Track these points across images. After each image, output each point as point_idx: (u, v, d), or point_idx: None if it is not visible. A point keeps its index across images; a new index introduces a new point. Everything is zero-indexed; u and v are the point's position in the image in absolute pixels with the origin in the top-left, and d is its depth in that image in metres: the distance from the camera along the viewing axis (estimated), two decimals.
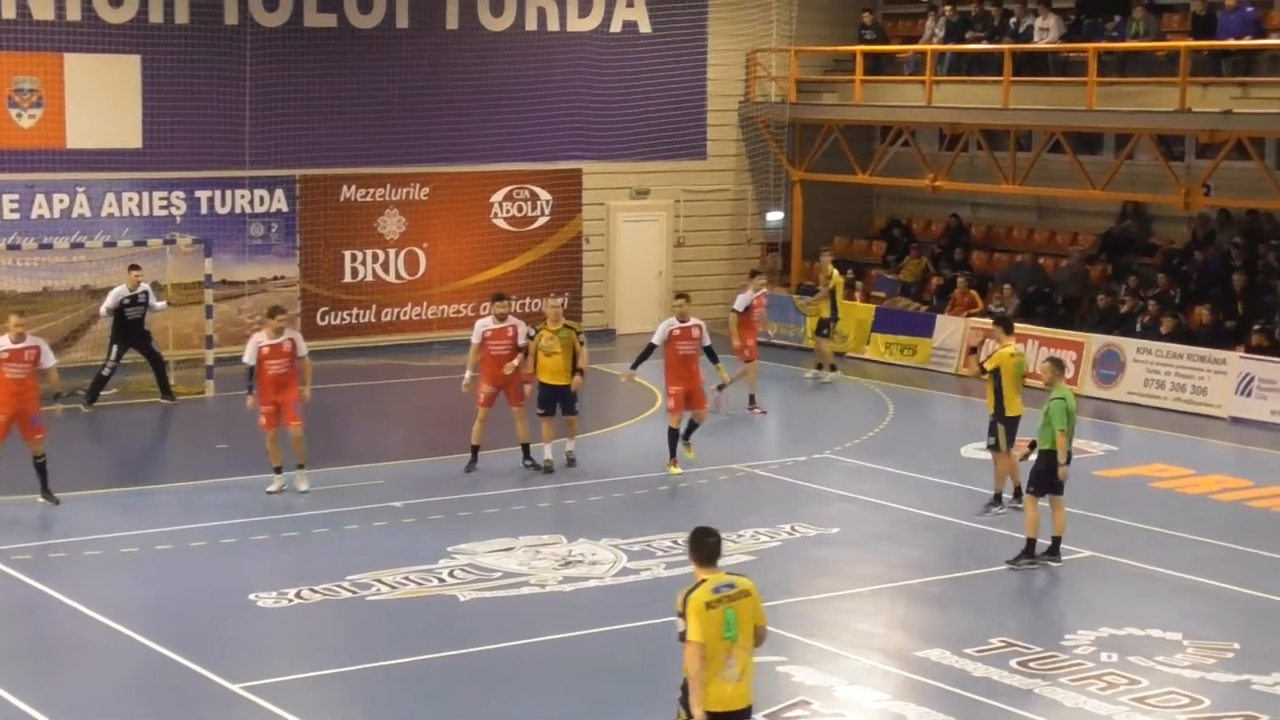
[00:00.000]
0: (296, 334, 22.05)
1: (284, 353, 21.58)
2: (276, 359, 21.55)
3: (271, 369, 21.54)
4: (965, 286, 32.97)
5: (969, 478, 23.22)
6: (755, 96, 37.04)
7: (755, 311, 28.13)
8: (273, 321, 21.66)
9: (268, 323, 21.78)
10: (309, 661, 15.85)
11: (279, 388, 21.60)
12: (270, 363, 21.53)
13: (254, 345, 21.54)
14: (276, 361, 21.55)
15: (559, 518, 20.98)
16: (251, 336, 21.95)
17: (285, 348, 21.59)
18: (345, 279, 33.39)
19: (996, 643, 16.27)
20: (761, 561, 19.13)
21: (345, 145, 32.96)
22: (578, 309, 35.21)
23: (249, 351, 21.60)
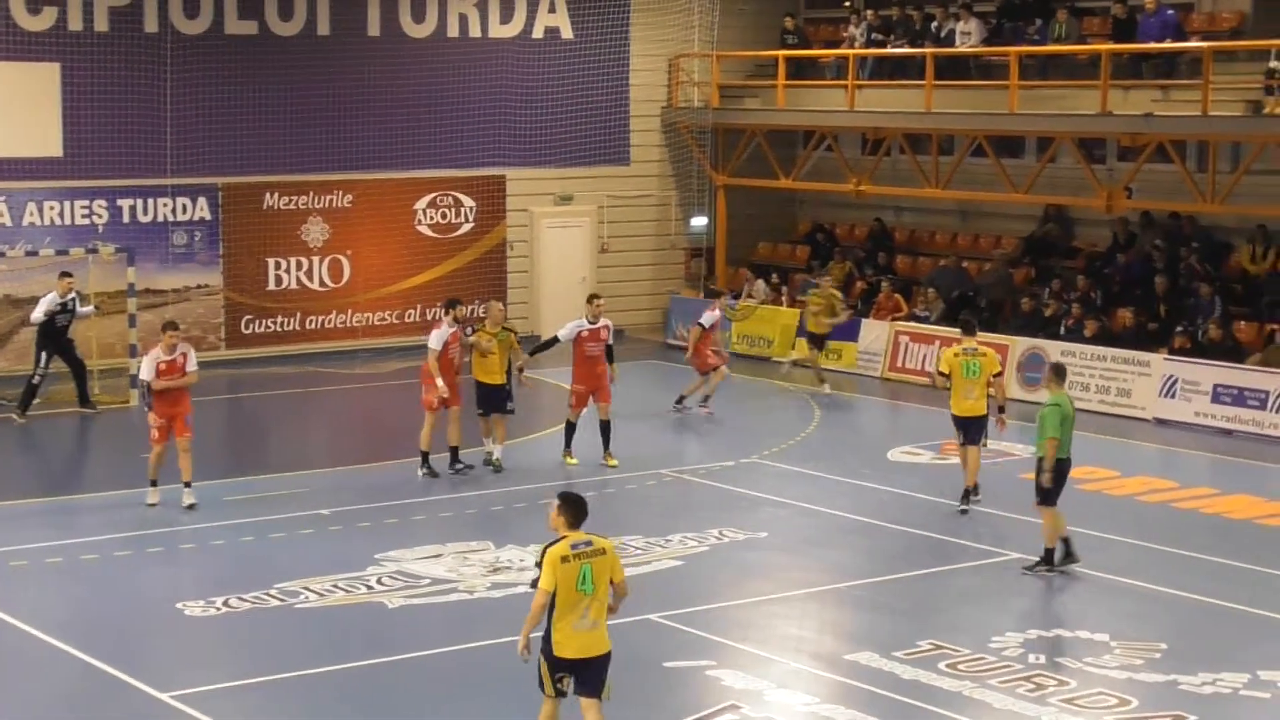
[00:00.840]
0: (189, 348, 21.90)
1: (177, 368, 21.54)
2: (171, 374, 21.48)
3: (163, 384, 21.45)
4: (890, 291, 33.12)
5: (896, 481, 23.35)
6: (678, 102, 37.12)
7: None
8: (166, 337, 21.61)
9: (161, 338, 21.71)
10: (237, 670, 15.79)
11: (173, 402, 21.53)
12: (165, 378, 21.44)
13: (151, 361, 21.45)
14: (171, 377, 21.48)
15: (487, 524, 20.96)
16: (148, 353, 21.79)
17: (179, 363, 21.54)
18: (269, 287, 33.23)
19: (925, 645, 16.36)
20: (690, 566, 19.17)
21: (268, 152, 32.81)
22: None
23: (146, 368, 21.51)
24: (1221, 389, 27.11)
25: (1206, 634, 17.03)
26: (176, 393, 21.53)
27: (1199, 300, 29.23)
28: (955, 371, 21.89)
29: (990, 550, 19.89)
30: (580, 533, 12.68)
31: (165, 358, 21.41)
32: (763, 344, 33.69)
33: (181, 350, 21.59)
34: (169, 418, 21.48)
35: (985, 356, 22.07)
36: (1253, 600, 17.99)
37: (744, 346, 33.86)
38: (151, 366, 21.40)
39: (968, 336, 22.48)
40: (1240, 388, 26.94)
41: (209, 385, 30.32)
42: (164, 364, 21.41)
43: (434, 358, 23.19)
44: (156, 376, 21.37)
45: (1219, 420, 27.01)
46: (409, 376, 31.09)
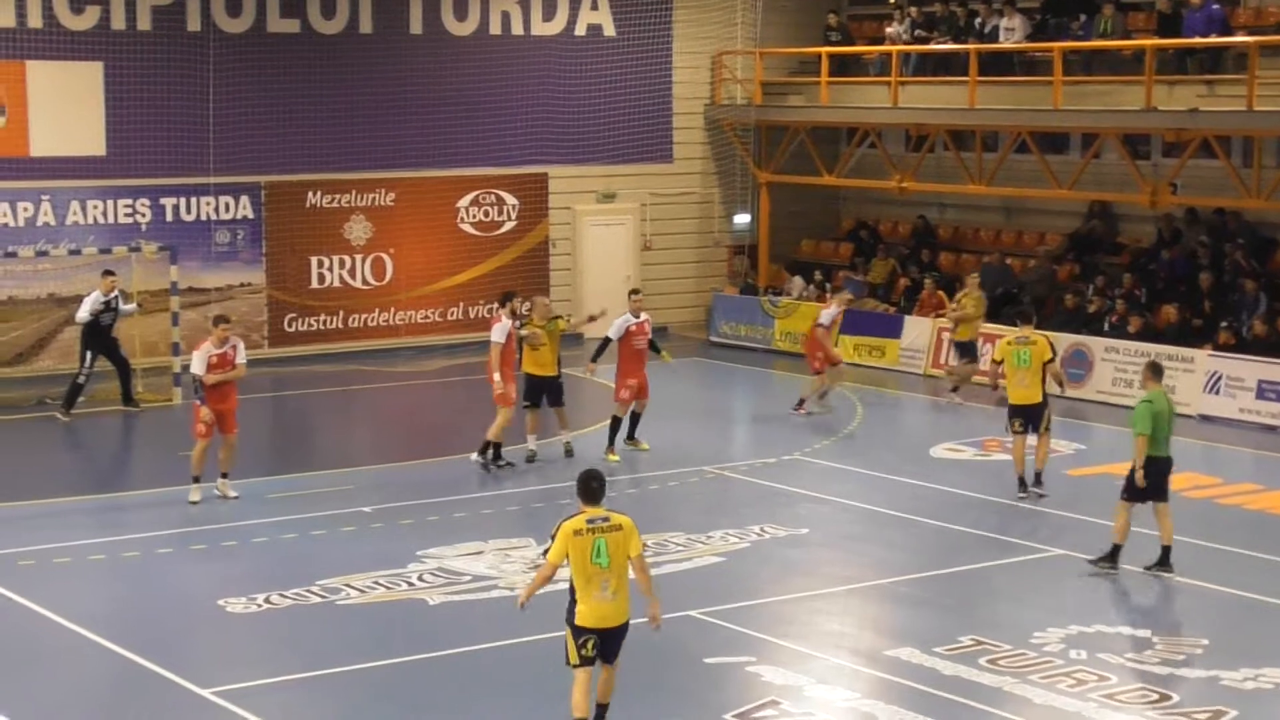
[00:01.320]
0: (239, 341, 22.05)
1: (228, 360, 21.68)
2: (222, 367, 21.64)
3: (215, 378, 21.59)
4: (933, 287, 33.06)
5: (938, 478, 23.33)
6: (721, 99, 37.13)
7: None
8: (217, 330, 21.75)
9: (213, 331, 21.84)
10: (278, 666, 15.86)
11: (222, 397, 21.67)
12: (216, 372, 21.58)
13: (202, 355, 21.57)
14: (221, 370, 21.63)
15: (528, 521, 20.99)
16: (199, 347, 21.88)
17: (229, 355, 21.69)
18: (312, 285, 33.37)
19: (966, 641, 16.35)
20: (731, 563, 19.19)
21: (310, 151, 32.94)
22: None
23: (197, 362, 21.60)
24: (1266, 385, 26.99)
25: (1248, 630, 16.97)
26: (226, 387, 21.69)
27: (1244, 296, 29.10)
28: (1007, 360, 22.35)
29: (1033, 546, 19.86)
30: (599, 509, 13.45)
31: (216, 350, 21.56)
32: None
33: (231, 343, 21.73)
34: (218, 413, 21.60)
35: (1036, 345, 22.32)
36: None
37: (786, 344, 33.84)
38: (203, 360, 21.53)
39: (1024, 324, 22.85)
40: None
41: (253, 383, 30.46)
42: (215, 357, 21.57)
43: (496, 351, 23.30)
44: (208, 370, 21.49)
45: (1263, 416, 26.88)
46: (451, 374, 31.28)
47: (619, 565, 13.37)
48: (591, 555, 13.31)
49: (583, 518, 13.39)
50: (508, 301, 23.90)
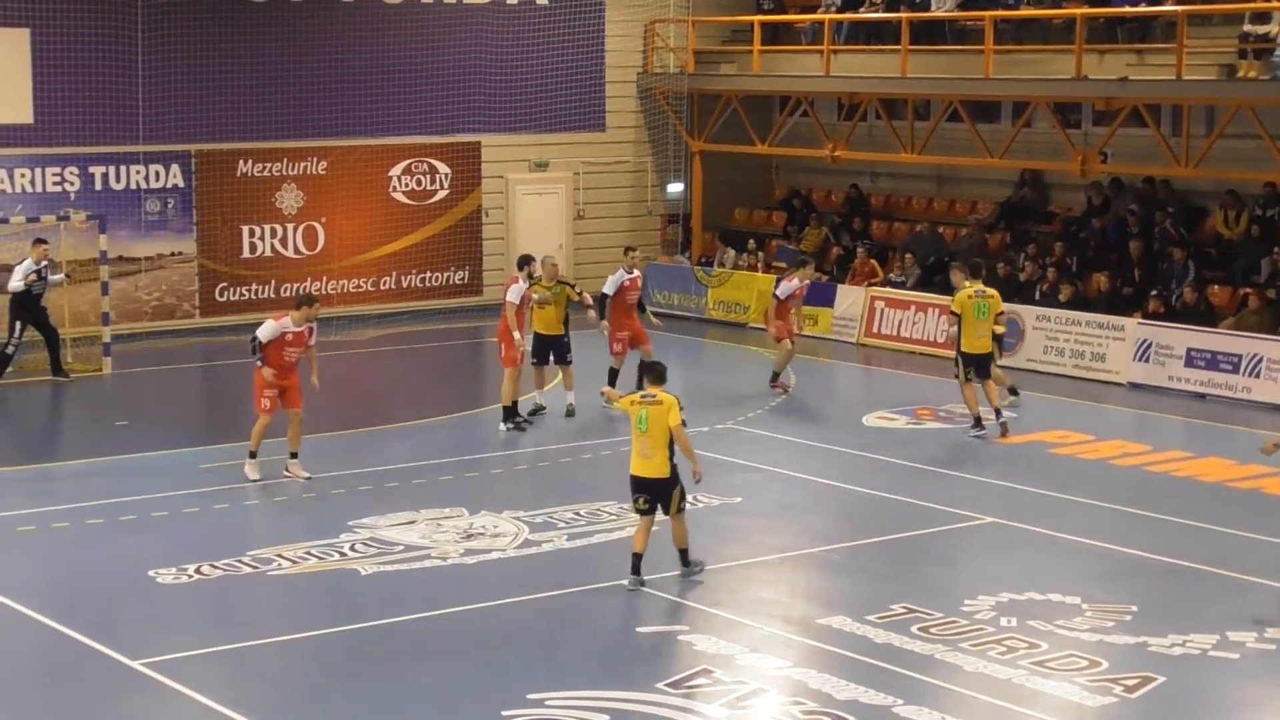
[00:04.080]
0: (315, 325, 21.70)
1: (302, 341, 21.22)
2: (297, 347, 21.18)
3: (290, 356, 21.17)
4: (866, 256, 33.14)
5: (871, 446, 23.38)
6: (654, 67, 37.05)
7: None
8: (299, 313, 21.16)
9: (294, 312, 21.19)
10: (209, 637, 15.77)
11: (286, 371, 21.26)
12: (290, 350, 21.13)
13: (277, 329, 21.03)
14: (296, 349, 21.18)
15: (461, 491, 20.95)
16: (276, 320, 21.24)
17: (304, 336, 21.24)
18: (244, 254, 33.15)
19: (898, 609, 16.40)
20: (664, 531, 19.13)
21: (241, 119, 32.71)
22: (479, 283, 35.20)
23: (268, 330, 21.04)
24: (1195, 353, 27.16)
25: (1176, 596, 17.09)
26: (294, 365, 21.26)
27: (1173, 264, 29.28)
28: (967, 312, 23.80)
29: (965, 515, 19.91)
30: (654, 389, 16.90)
31: (294, 329, 21.06)
32: (739, 309, 33.68)
33: (310, 325, 21.26)
34: (282, 388, 21.18)
35: (993, 298, 24.11)
36: (1222, 562, 18.05)
37: (720, 313, 33.89)
38: (274, 332, 20.96)
39: (975, 279, 24.17)
40: (1214, 352, 26.99)
41: (184, 353, 30.45)
42: (291, 335, 21.07)
43: (512, 312, 23.72)
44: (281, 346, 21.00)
45: (1192, 384, 27.05)
46: (384, 344, 31.19)
47: (656, 432, 16.69)
48: (637, 421, 16.79)
49: (640, 393, 17.04)
50: (524, 265, 24.40)
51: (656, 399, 16.82)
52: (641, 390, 17.20)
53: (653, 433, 16.75)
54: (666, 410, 16.74)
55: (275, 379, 21.05)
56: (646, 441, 16.82)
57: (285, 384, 21.29)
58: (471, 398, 25.32)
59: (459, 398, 24.64)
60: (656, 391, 16.91)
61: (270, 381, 21.04)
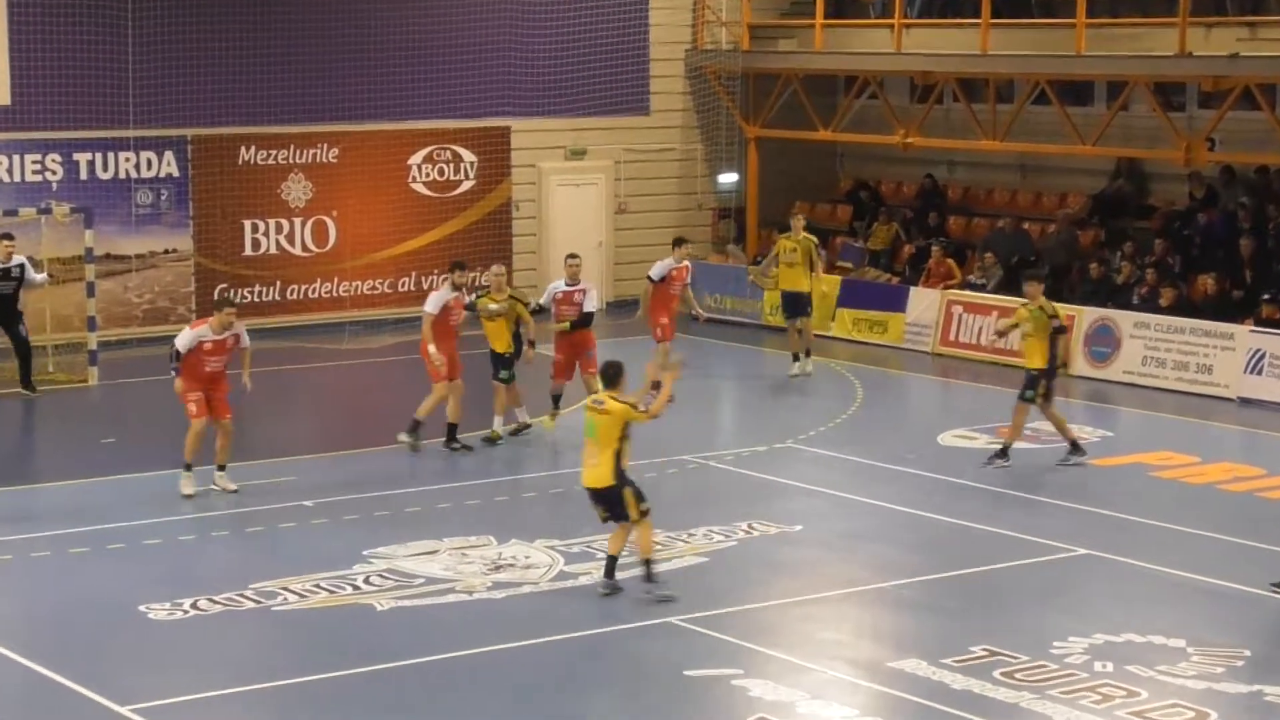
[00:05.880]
0: (242, 329, 21.90)
1: (227, 349, 21.59)
2: (219, 355, 21.53)
3: (210, 365, 21.48)
4: (941, 255, 33.08)
5: (947, 468, 23.31)
6: (704, 44, 37.07)
7: (675, 284, 27.97)
8: (221, 315, 21.51)
9: (216, 314, 21.58)
10: (207, 680, 15.78)
11: (211, 381, 21.59)
12: (211, 359, 21.46)
13: (194, 337, 21.38)
14: (218, 358, 21.53)
15: (489, 517, 20.96)
16: (193, 329, 21.63)
17: (229, 344, 21.60)
18: (246, 252, 33.28)
19: (978, 651, 16.34)
20: (715, 564, 19.17)
21: (243, 101, 32.84)
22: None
23: (185, 339, 21.41)
24: None
25: None
26: (219, 373, 21.63)
27: None
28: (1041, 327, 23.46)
29: (1054, 545, 19.84)
30: (604, 392, 17.68)
31: (215, 337, 21.39)
32: None
33: (234, 331, 21.59)
34: (206, 396, 21.48)
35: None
36: None
37: (778, 318, 33.80)
38: (191, 341, 21.31)
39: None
40: None
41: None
42: (211, 343, 21.39)
43: (428, 323, 23.56)
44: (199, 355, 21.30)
45: None
46: (402, 352, 31.20)
47: (603, 438, 17.44)
48: (585, 430, 17.68)
49: (593, 397, 18.05)
50: (455, 270, 24.26)
51: (605, 408, 17.53)
52: (598, 396, 17.93)
53: (599, 438, 17.56)
54: (615, 422, 17.46)
55: (198, 385, 21.39)
56: (590, 446, 17.67)
57: (209, 391, 21.54)
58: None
59: (486, 413, 24.62)
60: (606, 399, 17.58)
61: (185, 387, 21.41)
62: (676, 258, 27.67)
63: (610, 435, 17.47)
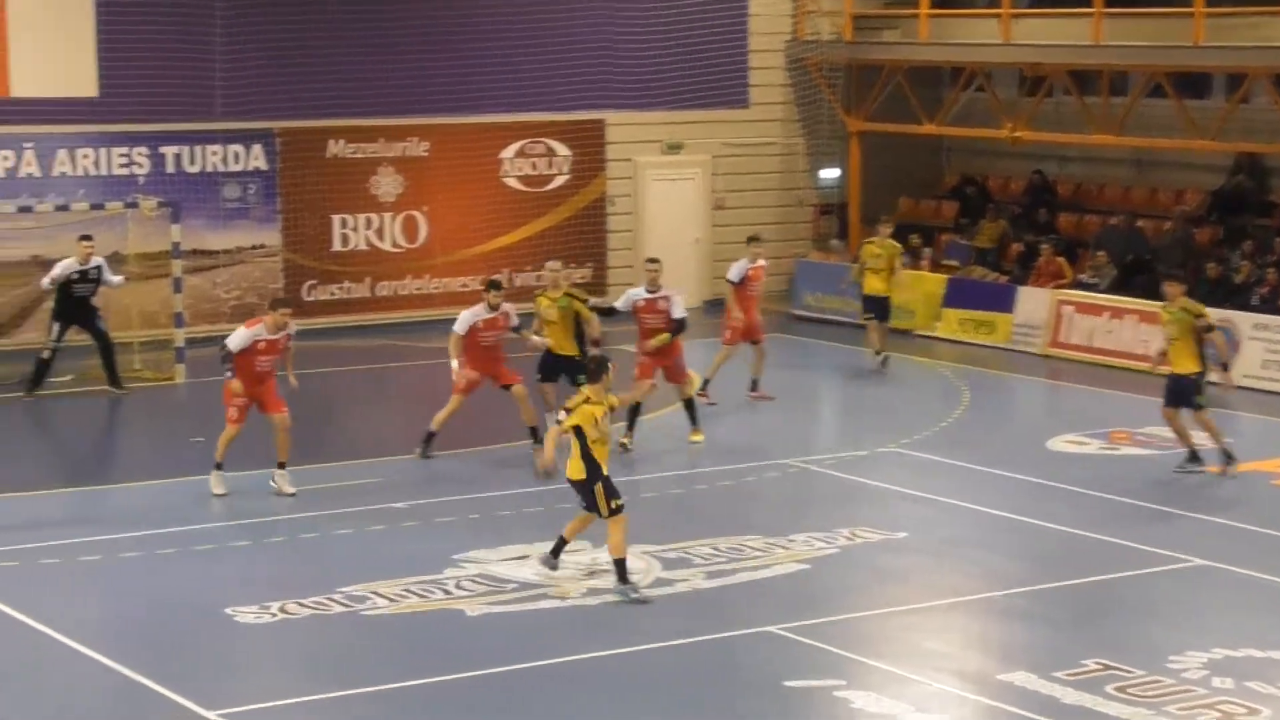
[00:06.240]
0: (294, 329, 22.19)
1: (279, 349, 21.84)
2: (270, 355, 21.75)
3: (261, 365, 21.70)
4: (1051, 253, 32.90)
5: (1057, 475, 23.18)
6: (805, 35, 36.99)
7: (752, 284, 27.69)
8: (275, 315, 21.78)
9: (269, 314, 21.87)
10: (294, 686, 15.86)
11: (261, 380, 21.80)
12: (263, 359, 21.68)
13: (249, 337, 21.57)
14: (269, 358, 21.77)
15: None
16: (248, 328, 21.79)
17: (281, 344, 21.85)
18: (334, 247, 33.45)
19: (1091, 665, 16.22)
20: (817, 570, 19.11)
21: (332, 93, 33.01)
22: (602, 280, 35.23)
23: (239, 338, 21.60)
24: None
25: None
26: (269, 372, 21.86)
27: None
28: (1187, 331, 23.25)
29: (1170, 555, 19.69)
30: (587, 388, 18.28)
31: (268, 336, 21.62)
32: (904, 315, 33.50)
33: (288, 331, 21.87)
34: (253, 394, 21.71)
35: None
36: None
37: None
38: (245, 340, 21.53)
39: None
40: None
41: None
42: (264, 343, 21.61)
43: (454, 342, 23.45)
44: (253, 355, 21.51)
45: None
46: None
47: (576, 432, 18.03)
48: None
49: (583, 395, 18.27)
50: (490, 290, 23.66)
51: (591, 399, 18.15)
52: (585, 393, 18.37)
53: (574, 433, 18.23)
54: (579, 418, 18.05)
55: (246, 389, 21.57)
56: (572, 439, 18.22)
57: (257, 389, 21.74)
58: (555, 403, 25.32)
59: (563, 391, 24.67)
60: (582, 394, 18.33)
61: (239, 392, 21.56)
62: (750, 256, 27.43)
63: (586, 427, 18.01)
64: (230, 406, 21.73)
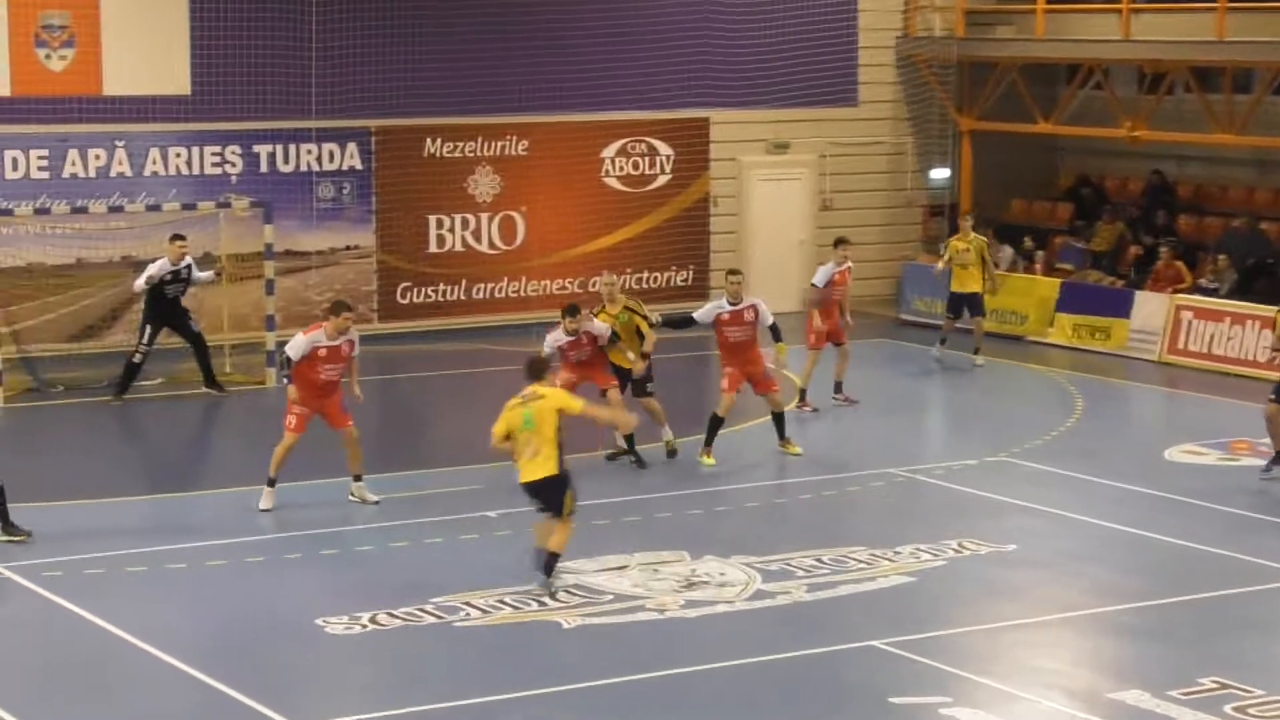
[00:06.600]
0: (356, 335, 22.06)
1: (342, 356, 21.67)
2: (334, 363, 21.59)
3: (325, 374, 21.56)
4: (1170, 257, 32.70)
5: (1174, 486, 23.04)
6: (916, 31, 36.91)
7: (838, 288, 27.60)
8: (337, 320, 21.60)
9: (331, 320, 21.69)
10: (386, 698, 15.91)
11: (326, 391, 21.70)
12: (326, 367, 21.53)
13: (308, 344, 21.45)
14: (333, 366, 21.59)
15: (682, 531, 20.98)
16: (307, 333, 21.73)
17: (344, 350, 21.68)
18: (430, 249, 33.58)
19: (1208, 684, 16.10)
20: (924, 583, 19.05)
21: (429, 91, 33.13)
22: (704, 283, 35.20)
23: (297, 345, 21.52)
24: None
25: None
26: (334, 383, 21.69)
27: None
28: None
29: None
30: (534, 386, 18.57)
31: (328, 343, 21.47)
32: (1016, 320, 33.38)
33: (349, 336, 21.70)
34: (319, 406, 21.64)
35: None
36: None
37: (993, 323, 33.55)
38: (304, 348, 21.37)
39: None
40: None
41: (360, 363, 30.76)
42: (325, 349, 21.47)
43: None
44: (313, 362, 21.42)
45: None
46: None
47: (545, 429, 18.29)
48: (522, 423, 18.31)
49: (520, 395, 18.54)
50: (566, 316, 23.63)
51: (538, 394, 18.49)
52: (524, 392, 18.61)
53: (541, 430, 18.32)
54: (552, 403, 18.46)
55: (307, 400, 21.46)
56: (534, 439, 18.31)
57: (324, 404, 21.61)
58: (694, 421, 25.32)
59: (679, 420, 24.64)
60: (537, 388, 18.56)
61: (297, 400, 21.49)
62: (837, 260, 27.48)
63: (549, 423, 18.29)
64: (289, 414, 21.60)
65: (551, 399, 18.55)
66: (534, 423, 18.30)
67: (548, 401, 18.45)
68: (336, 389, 21.81)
